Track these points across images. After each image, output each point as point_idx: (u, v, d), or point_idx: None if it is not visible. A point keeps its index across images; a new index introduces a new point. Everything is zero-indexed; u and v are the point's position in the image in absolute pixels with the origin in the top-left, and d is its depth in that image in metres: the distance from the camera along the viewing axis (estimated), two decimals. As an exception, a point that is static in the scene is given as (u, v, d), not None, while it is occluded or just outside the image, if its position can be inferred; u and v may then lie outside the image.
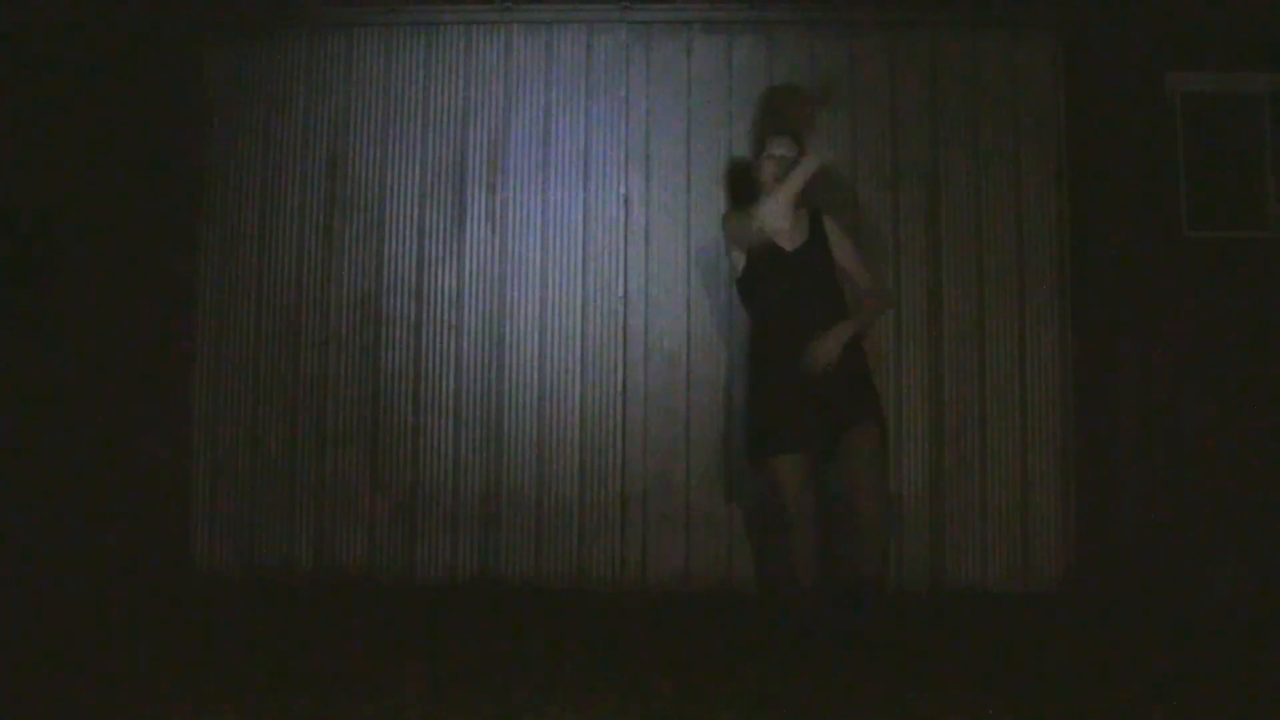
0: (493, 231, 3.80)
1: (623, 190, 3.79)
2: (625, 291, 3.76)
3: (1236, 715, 2.35)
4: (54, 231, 3.83)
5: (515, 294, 3.77)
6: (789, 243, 3.03)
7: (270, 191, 3.83)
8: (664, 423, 3.70)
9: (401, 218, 3.82)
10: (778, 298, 3.00)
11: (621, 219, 3.79)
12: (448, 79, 3.85)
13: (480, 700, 2.35)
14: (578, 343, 3.75)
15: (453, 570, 3.69)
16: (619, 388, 3.73)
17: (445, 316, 3.78)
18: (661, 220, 3.78)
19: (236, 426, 3.76)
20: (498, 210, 3.80)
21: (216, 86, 3.86)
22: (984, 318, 3.73)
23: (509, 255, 3.79)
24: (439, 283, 3.79)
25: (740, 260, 3.07)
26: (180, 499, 3.75)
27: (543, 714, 2.26)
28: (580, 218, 3.79)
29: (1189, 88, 3.85)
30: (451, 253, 3.80)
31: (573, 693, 2.41)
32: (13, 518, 3.71)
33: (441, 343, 3.77)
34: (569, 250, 3.78)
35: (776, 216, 2.94)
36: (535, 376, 3.74)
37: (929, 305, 3.74)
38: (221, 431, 3.77)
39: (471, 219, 3.81)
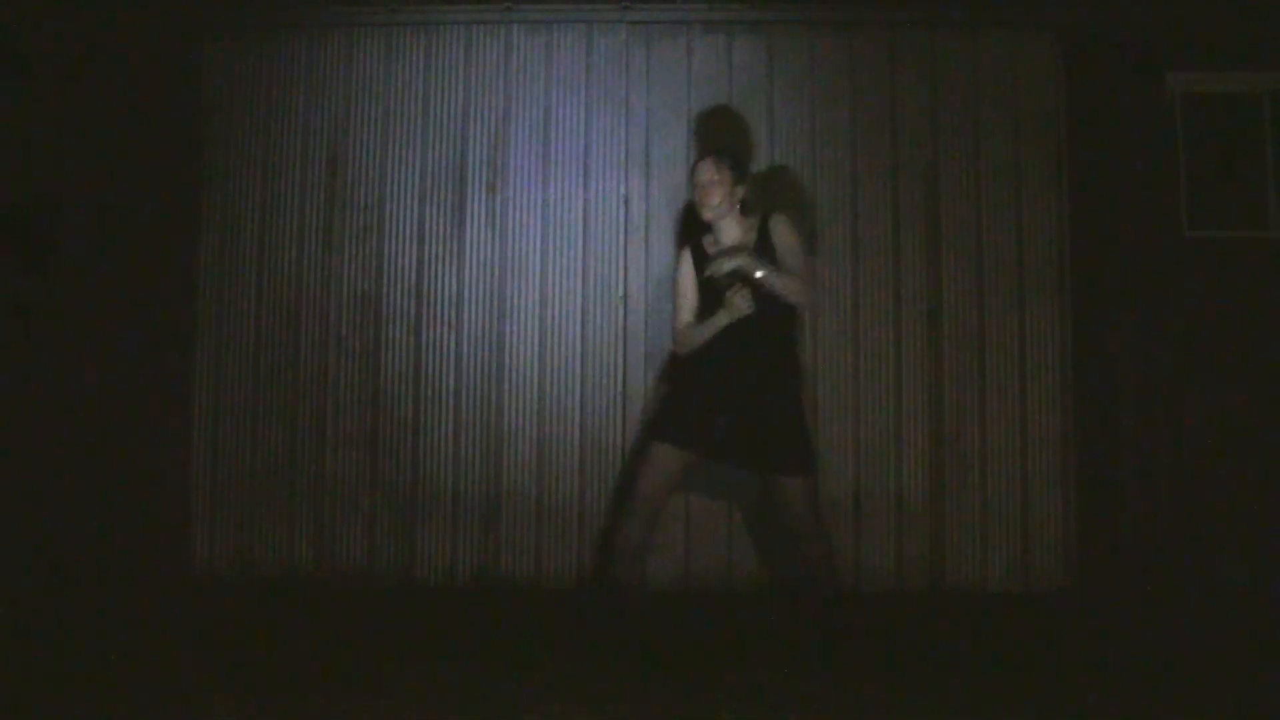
0: (493, 231, 3.80)
1: (623, 190, 3.79)
2: (625, 291, 3.76)
3: (1239, 714, 2.36)
4: (54, 231, 3.83)
5: (515, 294, 3.77)
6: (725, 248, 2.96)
7: (270, 191, 3.83)
8: (664, 423, 3.70)
9: (401, 218, 3.82)
10: (714, 303, 2.90)
11: (621, 219, 3.79)
12: (448, 79, 3.85)
13: (480, 700, 2.35)
14: (578, 343, 3.75)
15: (453, 570, 3.69)
16: (619, 387, 3.73)
17: (445, 316, 3.78)
18: (661, 220, 3.78)
19: (236, 426, 3.76)
20: (498, 210, 3.80)
21: (216, 86, 3.86)
22: (984, 318, 3.73)
23: (509, 255, 3.79)
24: (439, 283, 3.79)
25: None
26: (180, 499, 3.75)
27: (543, 714, 2.26)
28: (580, 218, 3.79)
29: (1189, 88, 3.85)
30: (451, 253, 3.80)
31: (573, 692, 2.41)
32: (13, 517, 3.71)
33: (441, 343, 3.77)
34: (569, 250, 3.78)
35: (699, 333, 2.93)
36: (535, 376, 3.74)
37: (929, 305, 3.74)
38: (221, 431, 3.77)
39: (471, 219, 3.81)
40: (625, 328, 3.75)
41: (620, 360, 3.74)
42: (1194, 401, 3.74)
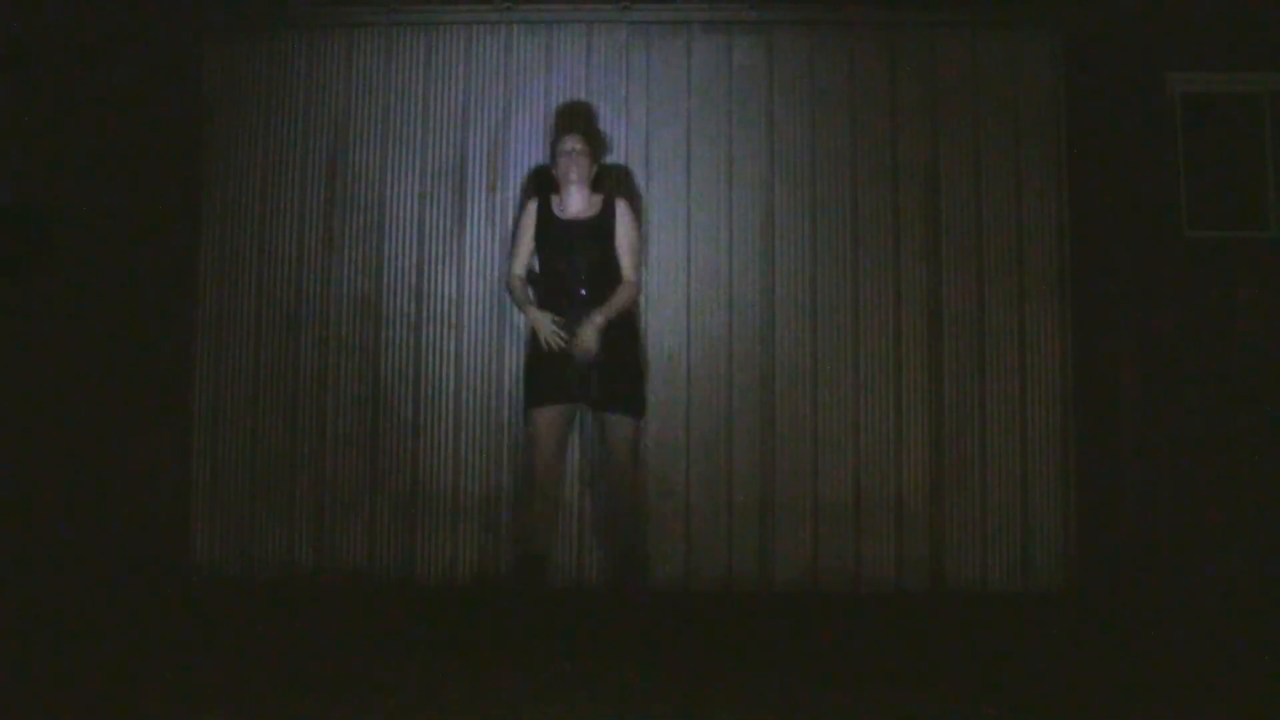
0: (493, 231, 3.80)
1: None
2: (625, 291, 3.75)
3: (1238, 714, 2.36)
4: (54, 231, 3.83)
5: (515, 294, 3.77)
6: (573, 214, 3.28)
7: (270, 191, 3.83)
8: (664, 423, 3.70)
9: (401, 218, 3.82)
10: (553, 260, 3.27)
11: (621, 219, 3.78)
12: (448, 79, 3.85)
13: (480, 700, 2.35)
14: (578, 343, 3.74)
15: (453, 570, 3.69)
16: (619, 388, 3.72)
17: (445, 316, 3.78)
18: (661, 220, 3.78)
19: (236, 426, 3.76)
20: (498, 210, 3.80)
21: (216, 86, 3.86)
22: (984, 318, 3.73)
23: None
24: (439, 283, 3.79)
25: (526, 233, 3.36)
26: (180, 499, 3.75)
27: (543, 714, 2.26)
28: (580, 218, 3.78)
29: (1189, 88, 3.85)
30: (451, 253, 3.80)
31: (573, 692, 2.41)
32: (13, 517, 3.71)
33: (441, 343, 3.77)
34: (569, 250, 3.77)
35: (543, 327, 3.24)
36: (535, 376, 3.73)
37: (929, 305, 3.74)
38: (221, 431, 3.77)
39: (471, 219, 3.81)
40: (625, 328, 3.74)
41: (620, 360, 3.72)
42: (1194, 401, 3.74)
